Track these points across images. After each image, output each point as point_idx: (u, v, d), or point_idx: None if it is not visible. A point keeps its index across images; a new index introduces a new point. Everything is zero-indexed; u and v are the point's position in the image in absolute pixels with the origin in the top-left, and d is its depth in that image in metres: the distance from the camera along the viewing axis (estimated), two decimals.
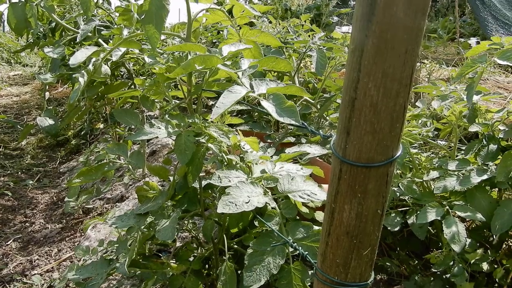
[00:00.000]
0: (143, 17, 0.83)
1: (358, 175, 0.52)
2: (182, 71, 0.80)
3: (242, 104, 1.53)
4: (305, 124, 0.68)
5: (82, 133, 2.84)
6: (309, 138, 1.64)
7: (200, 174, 1.02)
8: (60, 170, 2.50)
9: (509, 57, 0.98)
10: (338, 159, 0.53)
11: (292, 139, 1.76)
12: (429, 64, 4.24)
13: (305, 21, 1.80)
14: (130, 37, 1.06)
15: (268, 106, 0.74)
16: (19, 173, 2.48)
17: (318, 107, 1.81)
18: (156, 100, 1.10)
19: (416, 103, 1.30)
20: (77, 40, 1.56)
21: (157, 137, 0.88)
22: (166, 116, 0.94)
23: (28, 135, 3.17)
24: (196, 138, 0.96)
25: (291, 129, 1.81)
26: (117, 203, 1.80)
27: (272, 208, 0.88)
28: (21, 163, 2.62)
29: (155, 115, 2.44)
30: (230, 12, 1.22)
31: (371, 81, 0.47)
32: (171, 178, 1.06)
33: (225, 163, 0.98)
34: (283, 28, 1.70)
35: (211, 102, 1.84)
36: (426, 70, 3.99)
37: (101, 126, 2.62)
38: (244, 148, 1.06)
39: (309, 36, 1.83)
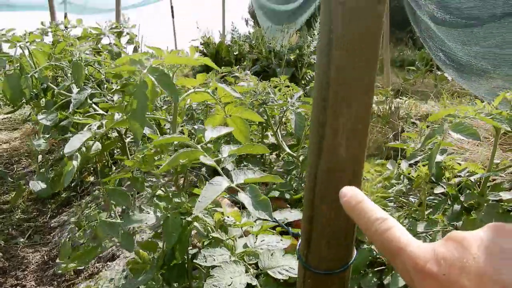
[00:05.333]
0: (129, 114, 0.93)
1: (319, 280, 0.60)
2: (168, 167, 0.90)
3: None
4: (276, 219, 0.76)
5: (72, 185, 2.89)
6: (291, 195, 1.73)
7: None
8: (51, 225, 2.53)
9: (461, 130, 1.10)
10: (302, 265, 0.62)
11: (276, 193, 1.85)
12: (408, 101, 4.43)
13: (284, 81, 1.93)
14: (122, 120, 1.16)
15: (245, 198, 0.83)
16: (10, 229, 2.50)
17: (301, 159, 1.91)
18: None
19: (387, 165, 1.41)
20: (70, 110, 1.65)
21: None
22: (154, 198, 1.03)
23: (18, 187, 3.20)
24: (182, 217, 1.04)
25: (275, 184, 1.91)
26: (108, 262, 1.84)
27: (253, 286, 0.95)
28: (11, 219, 2.64)
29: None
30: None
31: (324, 203, 0.57)
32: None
33: (211, 239, 1.06)
34: (263, 89, 1.82)
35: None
36: (405, 108, 4.17)
37: (92, 178, 2.67)
38: (227, 220, 1.14)
39: (287, 95, 1.96)
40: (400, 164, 1.40)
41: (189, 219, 1.05)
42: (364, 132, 0.54)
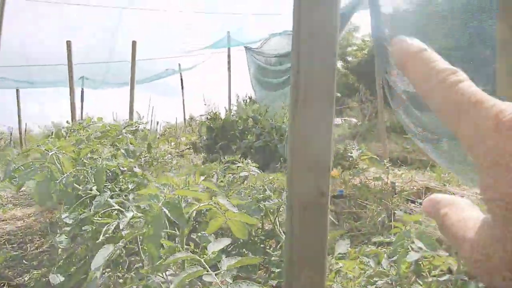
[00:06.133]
0: (146, 238, 1.15)
1: None
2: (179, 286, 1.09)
3: None
4: None
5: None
6: None
7: None
8: None
9: (422, 239, 1.29)
10: None
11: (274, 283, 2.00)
12: (404, 174, 4.62)
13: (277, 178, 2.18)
14: (138, 233, 1.38)
15: None
16: None
17: None
18: None
19: (369, 262, 1.58)
20: (91, 212, 1.88)
21: None
22: None
23: (31, 268, 3.35)
24: None
25: (274, 272, 2.06)
26: None
27: None
28: None
29: None
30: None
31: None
32: None
33: None
34: (260, 187, 2.06)
35: None
36: (401, 181, 4.35)
37: None
38: None
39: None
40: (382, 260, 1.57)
41: None
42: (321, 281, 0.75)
